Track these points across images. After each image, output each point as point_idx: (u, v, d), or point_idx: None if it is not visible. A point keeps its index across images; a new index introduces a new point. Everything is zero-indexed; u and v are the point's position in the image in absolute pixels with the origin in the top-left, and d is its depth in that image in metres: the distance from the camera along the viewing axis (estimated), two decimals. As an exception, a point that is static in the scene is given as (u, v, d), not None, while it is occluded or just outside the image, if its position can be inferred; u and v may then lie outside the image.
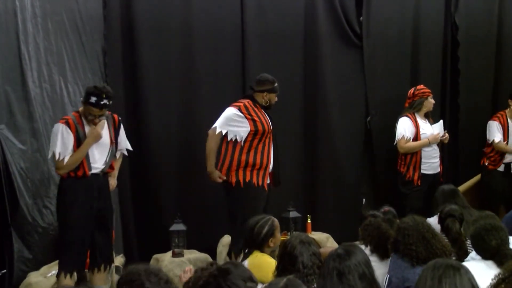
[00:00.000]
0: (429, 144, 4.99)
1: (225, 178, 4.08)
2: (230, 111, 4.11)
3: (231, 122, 4.09)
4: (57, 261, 4.00)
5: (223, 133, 4.09)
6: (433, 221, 3.61)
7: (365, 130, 5.66)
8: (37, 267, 3.88)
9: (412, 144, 5.03)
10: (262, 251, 3.17)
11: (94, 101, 3.55)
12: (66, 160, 3.55)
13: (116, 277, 3.98)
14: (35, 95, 3.98)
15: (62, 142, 3.56)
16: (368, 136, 5.64)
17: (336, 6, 5.45)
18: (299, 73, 5.41)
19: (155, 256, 4.59)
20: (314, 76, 5.43)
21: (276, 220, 3.32)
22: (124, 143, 3.99)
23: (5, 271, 3.78)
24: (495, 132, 5.29)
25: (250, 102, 4.18)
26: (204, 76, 5.06)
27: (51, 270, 3.90)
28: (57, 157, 3.55)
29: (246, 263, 3.11)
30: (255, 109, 4.15)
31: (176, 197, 4.99)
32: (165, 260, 4.41)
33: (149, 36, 4.89)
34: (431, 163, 5.04)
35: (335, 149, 5.50)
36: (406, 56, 5.69)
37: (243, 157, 4.06)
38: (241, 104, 4.14)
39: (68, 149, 3.58)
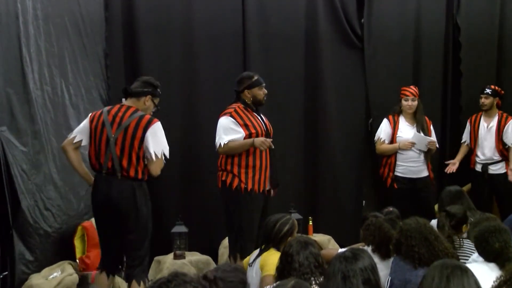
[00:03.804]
0: (399, 149, 4.89)
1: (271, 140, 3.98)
2: (224, 121, 3.95)
3: (229, 130, 3.93)
4: (58, 263, 4.02)
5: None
6: (436, 223, 3.61)
7: (366, 132, 5.65)
8: (38, 269, 3.87)
9: (384, 146, 4.99)
10: (278, 249, 3.18)
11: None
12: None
13: (118, 280, 3.97)
14: (36, 97, 3.96)
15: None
16: (370, 138, 5.63)
17: (337, 8, 5.45)
18: (300, 74, 5.41)
19: (156, 258, 4.59)
20: (315, 78, 5.43)
21: (295, 220, 3.42)
22: None
23: (6, 273, 3.76)
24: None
25: (241, 105, 4.01)
26: (206, 78, 5.07)
27: (53, 272, 3.89)
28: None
29: (259, 259, 3.18)
30: (246, 112, 3.99)
31: (177, 199, 5.00)
32: (167, 262, 4.41)
33: (151, 38, 4.90)
34: (407, 166, 4.91)
35: (335, 151, 5.50)
36: (407, 57, 5.68)
37: (243, 162, 3.94)
38: (232, 110, 3.97)
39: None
